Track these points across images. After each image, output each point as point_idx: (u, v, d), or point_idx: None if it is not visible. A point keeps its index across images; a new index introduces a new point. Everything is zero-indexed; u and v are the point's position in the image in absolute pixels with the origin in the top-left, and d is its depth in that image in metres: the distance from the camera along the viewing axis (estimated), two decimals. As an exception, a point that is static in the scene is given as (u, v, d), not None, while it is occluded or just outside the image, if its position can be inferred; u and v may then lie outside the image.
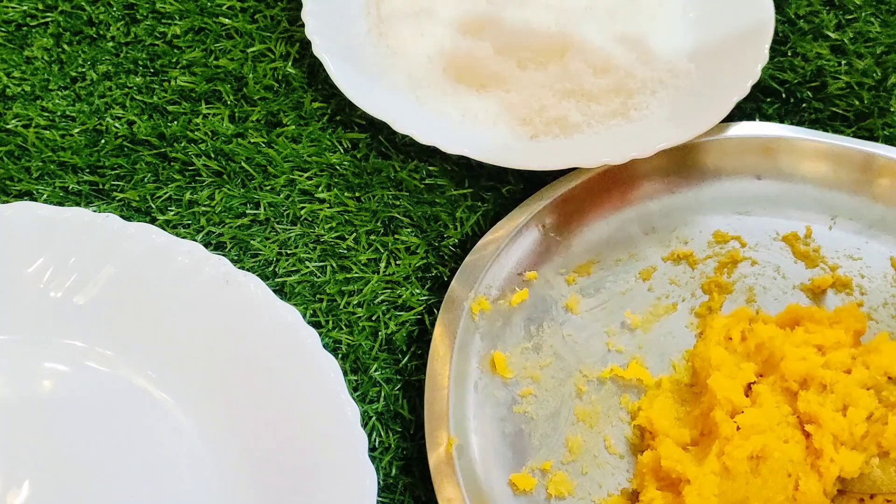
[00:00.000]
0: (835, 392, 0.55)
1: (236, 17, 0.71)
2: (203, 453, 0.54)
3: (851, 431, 0.53)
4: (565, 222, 0.63)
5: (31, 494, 0.52)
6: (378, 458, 0.56)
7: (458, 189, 0.65)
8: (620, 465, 0.56)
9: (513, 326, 0.59)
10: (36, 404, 0.54)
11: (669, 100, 0.67)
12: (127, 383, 0.55)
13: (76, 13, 0.71)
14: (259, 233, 0.63)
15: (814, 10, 0.75)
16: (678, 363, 0.60)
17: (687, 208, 0.64)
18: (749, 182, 0.65)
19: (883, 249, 0.63)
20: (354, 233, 0.63)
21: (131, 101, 0.67)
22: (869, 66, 0.72)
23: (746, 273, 0.63)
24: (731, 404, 0.55)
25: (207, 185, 0.64)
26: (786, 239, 0.64)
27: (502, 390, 0.57)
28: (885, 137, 0.68)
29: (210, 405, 0.55)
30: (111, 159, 0.65)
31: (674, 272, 0.63)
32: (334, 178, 0.65)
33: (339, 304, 0.60)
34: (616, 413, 0.58)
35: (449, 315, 0.58)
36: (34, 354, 0.55)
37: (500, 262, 0.60)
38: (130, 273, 0.56)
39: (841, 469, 0.53)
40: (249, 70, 0.69)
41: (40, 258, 0.56)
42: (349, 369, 0.58)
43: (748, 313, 0.60)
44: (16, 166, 0.64)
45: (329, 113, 0.68)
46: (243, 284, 0.56)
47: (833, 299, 0.62)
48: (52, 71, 0.68)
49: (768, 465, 0.53)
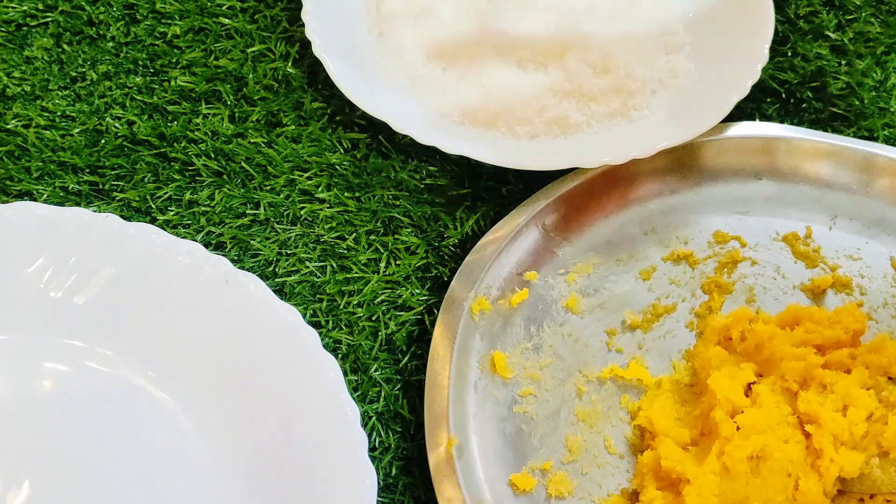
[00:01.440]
0: (835, 392, 0.55)
1: (236, 17, 0.71)
2: (203, 453, 0.54)
3: (851, 431, 0.53)
4: (565, 222, 0.63)
5: (31, 494, 0.52)
6: (378, 458, 0.56)
7: (458, 189, 0.65)
8: (620, 465, 0.56)
9: (513, 326, 0.59)
10: (36, 404, 0.54)
11: (669, 100, 0.67)
12: (127, 383, 0.55)
13: (76, 13, 0.71)
14: (259, 233, 0.63)
15: (814, 10, 0.75)
16: (678, 363, 0.60)
17: (687, 208, 0.64)
18: (749, 182, 0.65)
19: (883, 249, 0.63)
20: (354, 233, 0.63)
21: (131, 101, 0.67)
22: (869, 66, 0.72)
23: (746, 273, 0.63)
24: (731, 404, 0.55)
25: (207, 185, 0.64)
26: (786, 239, 0.64)
27: (502, 390, 0.57)
28: (885, 137, 0.68)
29: (210, 405, 0.55)
30: (111, 159, 0.65)
31: (674, 272, 0.63)
32: (334, 178, 0.65)
33: (339, 304, 0.60)
34: (616, 413, 0.58)
35: (449, 315, 0.58)
36: (34, 354, 0.55)
37: (500, 262, 0.60)
38: (130, 273, 0.56)
39: (841, 469, 0.53)
40: (249, 70, 0.69)
41: (40, 258, 0.56)
42: (349, 369, 0.58)
43: (748, 313, 0.60)
44: (16, 166, 0.64)
45: (329, 113, 0.68)
46: (243, 284, 0.56)
47: (833, 299, 0.62)
48: (52, 71, 0.68)
49: (768, 465, 0.53)
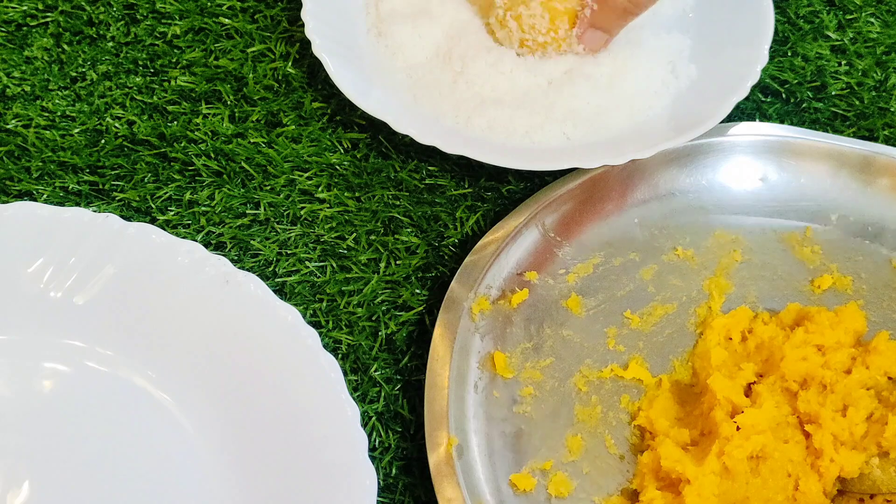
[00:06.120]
0: (835, 392, 0.55)
1: (236, 17, 0.71)
2: (203, 453, 0.54)
3: (851, 431, 0.54)
4: (565, 222, 0.63)
5: (31, 494, 0.52)
6: (378, 458, 0.56)
7: (458, 189, 0.65)
8: (620, 465, 0.56)
9: (513, 326, 0.59)
10: (36, 404, 0.54)
11: (669, 100, 0.67)
12: (127, 383, 0.55)
13: (76, 13, 0.71)
14: (259, 233, 0.63)
15: (814, 10, 0.75)
16: (678, 363, 0.60)
17: (687, 208, 0.64)
18: (749, 182, 0.65)
19: (883, 249, 0.63)
20: (354, 233, 0.63)
21: (131, 101, 0.67)
22: (869, 66, 0.72)
23: (746, 273, 0.62)
24: (731, 404, 0.55)
25: (207, 185, 0.64)
26: (786, 239, 0.64)
27: (502, 390, 0.57)
28: (885, 137, 0.68)
29: (210, 405, 0.55)
30: (111, 159, 0.65)
31: (674, 272, 0.63)
32: (334, 178, 0.65)
33: (339, 304, 0.60)
34: (616, 413, 0.58)
35: (449, 315, 0.58)
36: (34, 354, 0.55)
37: (500, 262, 0.60)
38: (130, 273, 0.56)
39: (841, 469, 0.53)
40: (249, 70, 0.69)
41: (40, 258, 0.56)
42: (349, 369, 0.58)
43: (748, 313, 0.60)
44: (16, 166, 0.64)
45: (329, 113, 0.68)
46: (243, 284, 0.56)
47: (833, 299, 0.62)
48: (52, 71, 0.68)
49: (768, 465, 0.53)
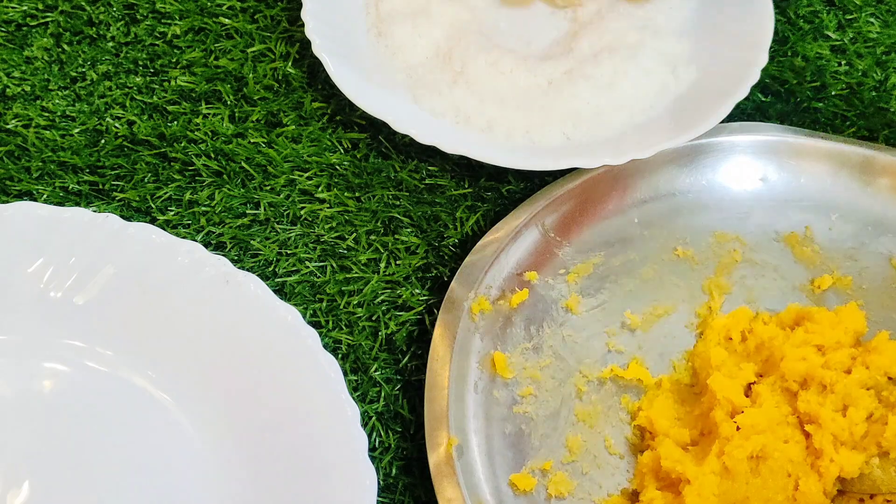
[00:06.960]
0: (835, 392, 0.55)
1: (236, 17, 0.71)
2: (203, 453, 0.54)
3: (851, 431, 0.53)
4: (565, 222, 0.63)
5: (31, 494, 0.52)
6: (378, 458, 0.56)
7: (458, 189, 0.65)
8: (620, 465, 0.56)
9: (513, 326, 0.59)
10: (36, 404, 0.54)
11: (670, 100, 0.67)
12: (127, 383, 0.55)
13: (76, 13, 0.71)
14: (259, 233, 0.63)
15: (814, 10, 0.75)
16: (678, 363, 0.60)
17: (687, 209, 0.64)
18: (749, 182, 0.65)
19: (883, 250, 0.63)
20: (354, 233, 0.63)
21: (131, 101, 0.67)
22: (869, 66, 0.72)
23: (746, 273, 0.62)
24: (731, 404, 0.55)
25: (207, 185, 0.64)
26: (786, 239, 0.64)
27: (502, 390, 0.57)
28: (885, 137, 0.68)
29: (210, 405, 0.55)
30: (111, 159, 0.65)
31: (674, 272, 0.63)
32: (334, 178, 0.65)
33: (339, 304, 0.60)
34: (616, 413, 0.58)
35: (449, 315, 0.58)
36: (34, 354, 0.55)
37: (500, 262, 0.60)
38: (130, 273, 0.56)
39: (841, 469, 0.53)
40: (249, 70, 0.69)
41: (40, 258, 0.56)
42: (349, 369, 0.58)
43: (748, 313, 0.60)
44: (16, 166, 0.64)
45: (329, 113, 0.68)
46: (243, 284, 0.56)
47: (833, 299, 0.62)
48: (52, 71, 0.68)
49: (768, 465, 0.53)
